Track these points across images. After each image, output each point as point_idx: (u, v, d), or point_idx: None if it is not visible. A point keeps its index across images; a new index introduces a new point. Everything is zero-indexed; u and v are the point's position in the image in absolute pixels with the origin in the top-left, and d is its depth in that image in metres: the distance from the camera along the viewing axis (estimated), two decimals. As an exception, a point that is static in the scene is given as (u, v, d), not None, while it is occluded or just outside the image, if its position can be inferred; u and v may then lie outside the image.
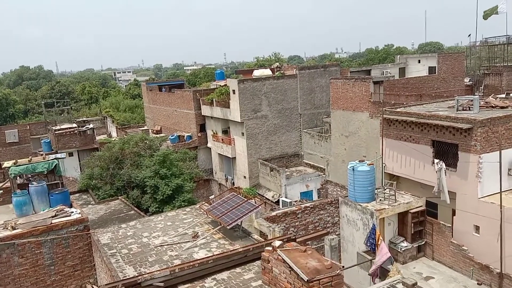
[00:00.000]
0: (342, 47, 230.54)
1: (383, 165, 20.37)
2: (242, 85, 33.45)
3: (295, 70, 36.64)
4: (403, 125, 19.26)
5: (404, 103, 24.18)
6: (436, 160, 17.09)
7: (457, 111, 18.41)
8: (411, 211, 17.75)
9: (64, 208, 14.77)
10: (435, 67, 36.15)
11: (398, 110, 20.49)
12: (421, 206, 18.03)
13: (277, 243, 9.65)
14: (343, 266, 10.19)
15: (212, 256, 11.15)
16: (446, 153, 17.49)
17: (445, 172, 16.66)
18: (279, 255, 9.20)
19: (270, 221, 18.12)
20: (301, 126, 35.65)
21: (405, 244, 17.84)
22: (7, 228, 13.77)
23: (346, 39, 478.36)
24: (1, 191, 18.20)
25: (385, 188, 18.71)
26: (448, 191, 16.83)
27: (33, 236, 13.20)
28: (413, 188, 19.10)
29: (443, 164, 16.76)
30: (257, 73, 37.56)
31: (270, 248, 9.60)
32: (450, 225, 17.34)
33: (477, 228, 16.38)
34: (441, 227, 17.56)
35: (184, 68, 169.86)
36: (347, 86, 29.01)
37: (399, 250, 17.69)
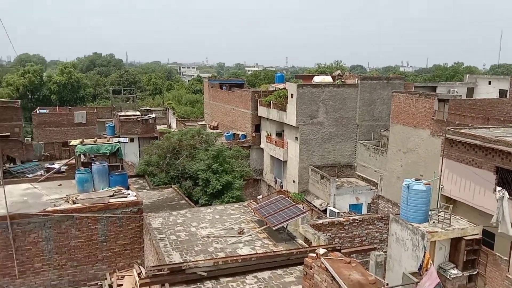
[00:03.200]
0: (408, 61, 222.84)
1: (441, 186, 19.57)
2: (301, 89, 33.43)
3: (356, 79, 36.05)
4: (466, 147, 18.41)
5: (470, 125, 23.08)
6: (498, 188, 16.18)
7: (528, 138, 17.32)
8: (466, 238, 16.91)
9: (122, 189, 15.57)
10: (507, 90, 34.13)
11: (462, 131, 19.60)
12: (477, 234, 17.11)
13: (321, 250, 9.60)
14: (387, 284, 9.97)
15: (255, 254, 11.30)
16: (511, 181, 16.51)
17: (507, 202, 15.72)
18: (322, 263, 9.15)
19: (315, 228, 18.02)
20: (357, 137, 35.00)
21: (455, 271, 17.02)
22: (68, 202, 14.75)
23: (413, 53, 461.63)
24: (67, 167, 19.53)
25: (440, 210, 17.96)
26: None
27: (90, 212, 14.03)
28: (470, 214, 18.19)
29: (506, 193, 15.83)
30: (317, 79, 37.37)
31: (314, 255, 9.56)
32: (507, 258, 16.32)
33: (537, 265, 15.32)
34: (497, 259, 16.58)
35: (246, 68, 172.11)
36: (410, 101, 28.13)
37: (448, 277, 16.91)
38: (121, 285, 13.48)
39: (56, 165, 24.53)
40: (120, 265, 14.54)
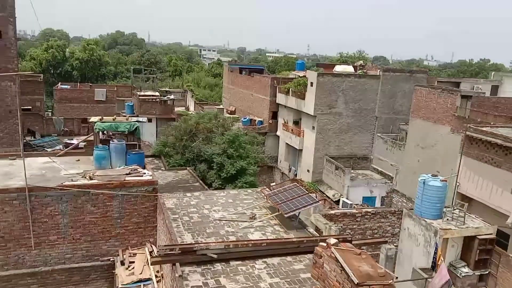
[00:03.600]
0: (432, 55, 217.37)
1: (457, 184, 19.28)
2: (321, 78, 33.09)
3: (379, 71, 35.51)
4: (486, 146, 18.05)
5: (492, 123, 22.58)
6: (517, 189, 15.87)
7: (551, 140, 16.86)
8: (479, 237, 16.68)
9: (138, 168, 15.76)
10: (535, 89, 33.23)
11: (483, 129, 19.19)
12: (491, 234, 16.85)
13: (332, 240, 9.62)
14: (396, 277, 9.94)
15: (266, 239, 11.39)
16: (531, 183, 16.17)
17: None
18: (332, 252, 9.17)
19: (327, 218, 18.00)
20: (375, 129, 34.60)
21: (466, 270, 16.85)
22: (85, 177, 15.01)
23: (438, 47, 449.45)
24: (85, 143, 19.85)
25: (454, 208, 17.73)
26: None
27: (107, 188, 14.25)
28: (486, 214, 17.90)
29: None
30: (338, 68, 36.95)
31: (325, 244, 9.59)
32: (520, 260, 16.11)
33: (551, 270, 15.06)
34: (510, 260, 16.36)
35: (267, 54, 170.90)
36: (432, 95, 27.62)
37: (458, 275, 16.76)
38: (133, 262, 13.77)
39: (75, 141, 25.02)
40: (132, 242, 14.80)
